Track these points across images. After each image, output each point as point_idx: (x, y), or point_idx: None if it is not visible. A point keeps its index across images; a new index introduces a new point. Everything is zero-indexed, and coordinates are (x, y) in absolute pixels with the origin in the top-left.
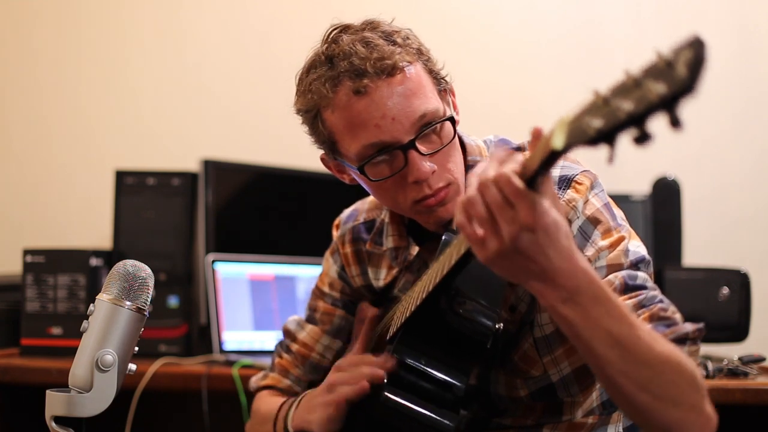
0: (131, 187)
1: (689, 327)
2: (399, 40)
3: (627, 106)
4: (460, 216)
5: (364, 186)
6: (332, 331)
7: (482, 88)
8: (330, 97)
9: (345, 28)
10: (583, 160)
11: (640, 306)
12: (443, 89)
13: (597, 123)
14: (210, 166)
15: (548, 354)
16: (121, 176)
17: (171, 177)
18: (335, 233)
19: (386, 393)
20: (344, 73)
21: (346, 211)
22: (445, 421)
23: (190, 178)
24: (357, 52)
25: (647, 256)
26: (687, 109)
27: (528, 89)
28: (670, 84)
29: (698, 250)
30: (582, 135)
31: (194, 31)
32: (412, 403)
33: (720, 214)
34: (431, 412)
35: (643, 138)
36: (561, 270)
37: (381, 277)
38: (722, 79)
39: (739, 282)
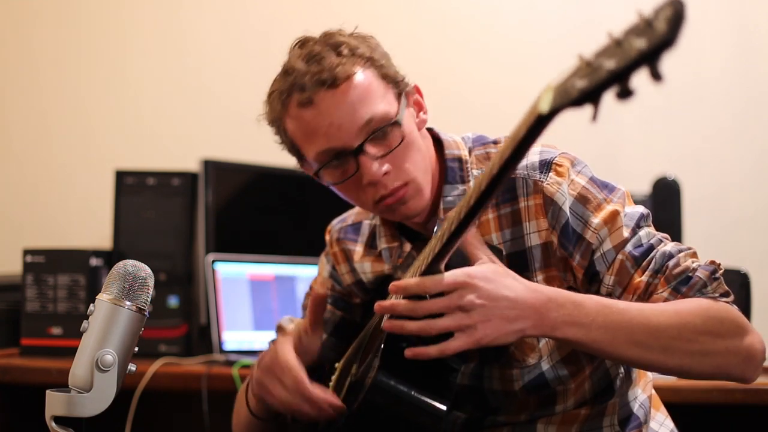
0: (131, 187)
1: (703, 274)
2: (346, 51)
3: (609, 64)
4: (432, 350)
5: (331, 188)
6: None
7: (482, 88)
8: (283, 111)
9: (303, 43)
10: (583, 159)
11: (654, 273)
12: (401, 92)
13: (581, 83)
14: (210, 166)
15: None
16: (121, 176)
17: (171, 177)
18: (327, 237)
19: (380, 377)
20: (292, 87)
21: (338, 218)
22: (438, 405)
23: (190, 178)
24: (298, 68)
25: (644, 210)
26: (687, 108)
27: (528, 89)
28: (650, 38)
29: (698, 250)
30: (566, 96)
31: (194, 31)
32: (405, 386)
33: (720, 214)
34: (425, 395)
35: (625, 93)
36: (528, 297)
37: (367, 270)
38: (722, 79)
39: (739, 282)
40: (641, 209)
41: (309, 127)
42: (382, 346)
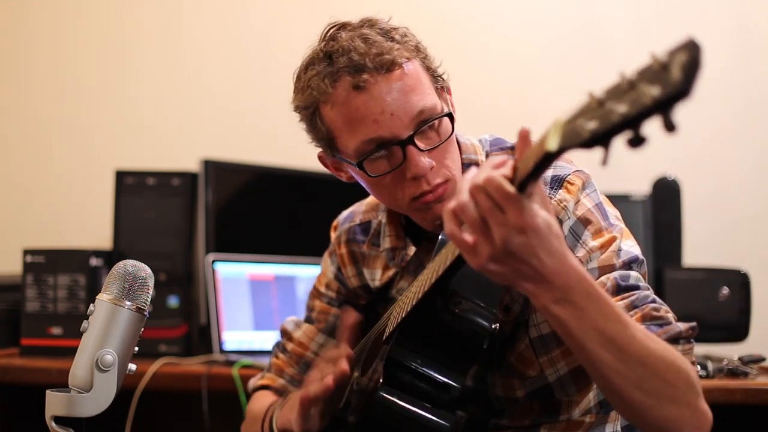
0: (131, 187)
1: (682, 326)
2: (397, 37)
3: (621, 108)
4: (449, 224)
5: (362, 183)
6: (327, 330)
7: (482, 88)
8: (329, 93)
9: (343, 26)
10: (582, 159)
11: (632, 306)
12: (440, 87)
13: (591, 125)
14: (210, 166)
15: (545, 354)
16: (121, 176)
17: (171, 177)
18: (333, 235)
19: (382, 393)
20: (343, 69)
21: (344, 213)
22: (442, 422)
23: (190, 178)
24: (356, 48)
25: (640, 256)
26: (687, 109)
27: (528, 89)
28: (664, 87)
29: (698, 250)
30: (576, 137)
31: (194, 31)
32: (408, 402)
33: (720, 214)
34: (428, 412)
35: (637, 141)
36: (553, 270)
37: (377, 278)
38: (722, 79)
39: (739, 282)
40: (637, 252)
41: (358, 112)
42: (384, 363)
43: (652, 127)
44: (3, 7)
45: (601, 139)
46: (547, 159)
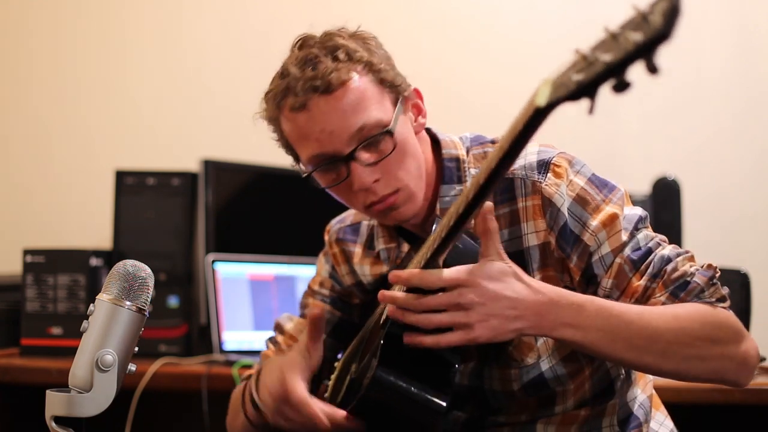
0: (131, 187)
1: (701, 279)
2: (342, 56)
3: (606, 57)
4: (435, 340)
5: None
6: None
7: (482, 88)
8: (278, 112)
9: (302, 43)
10: (583, 159)
11: (652, 278)
12: (398, 96)
13: (578, 77)
14: (210, 166)
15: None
16: (121, 176)
17: (171, 177)
18: (326, 237)
19: (379, 372)
20: (286, 90)
21: (337, 217)
22: (437, 400)
23: (190, 178)
24: (293, 73)
25: (642, 213)
26: (687, 109)
27: (528, 89)
28: (645, 31)
29: (698, 250)
30: (564, 89)
31: (194, 31)
32: (404, 382)
33: (720, 214)
34: (424, 391)
35: (621, 86)
36: (529, 295)
37: (367, 272)
38: (722, 79)
39: (739, 282)
40: (639, 211)
41: (302, 131)
42: (381, 342)
43: (652, 126)
44: (3, 7)
45: (587, 88)
46: (538, 115)
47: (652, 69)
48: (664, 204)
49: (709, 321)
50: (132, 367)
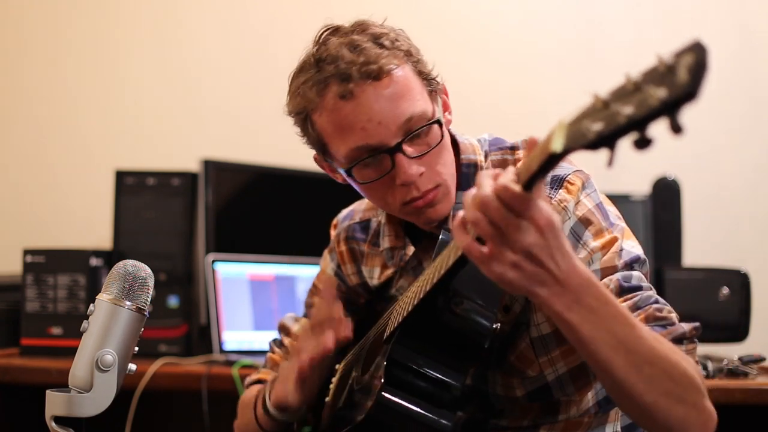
0: (131, 187)
1: (686, 326)
2: (387, 43)
3: (627, 110)
4: (462, 238)
5: (355, 187)
6: None
7: (482, 89)
8: (317, 101)
9: (335, 30)
10: (582, 158)
11: (636, 307)
12: (434, 90)
13: (597, 126)
14: (210, 166)
15: (545, 354)
16: (121, 176)
17: (171, 177)
18: (332, 232)
19: (383, 393)
20: (331, 77)
21: (344, 212)
22: (443, 421)
23: (190, 178)
24: (343, 56)
25: (642, 255)
26: (687, 109)
27: (528, 90)
28: (671, 89)
29: (698, 250)
30: (581, 138)
31: (194, 31)
32: (409, 402)
33: (720, 214)
34: (428, 412)
35: (643, 142)
36: (567, 272)
37: (375, 276)
38: (722, 80)
39: (739, 282)
40: (639, 252)
41: (346, 121)
42: (385, 363)
43: (652, 127)
44: (3, 7)
45: (606, 140)
46: (552, 160)
47: (676, 128)
48: (664, 204)
49: (693, 366)
50: (132, 367)
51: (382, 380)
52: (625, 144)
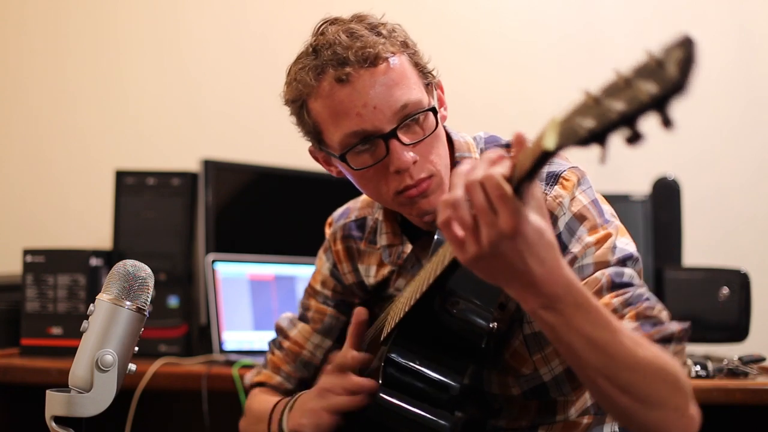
0: (131, 187)
1: (675, 326)
2: (384, 32)
3: (618, 106)
4: (445, 213)
5: (349, 176)
6: (323, 330)
7: (482, 89)
8: (314, 86)
9: (333, 21)
10: (582, 158)
11: (626, 304)
12: (429, 83)
13: (589, 123)
14: (210, 166)
15: (538, 351)
16: (121, 176)
17: (171, 177)
18: (327, 231)
19: (381, 394)
20: (327, 62)
21: (339, 210)
22: (441, 421)
23: (190, 178)
24: (340, 41)
25: (635, 253)
26: (687, 109)
27: (528, 90)
28: (660, 83)
29: (698, 250)
30: (574, 135)
31: (193, 31)
32: (407, 403)
33: (720, 214)
34: (427, 413)
35: (634, 138)
36: (540, 278)
37: (371, 274)
38: (722, 79)
39: (739, 282)
40: (633, 250)
41: (342, 105)
42: (382, 365)
43: (652, 127)
44: (3, 7)
45: (598, 136)
46: (545, 157)
47: (667, 123)
48: (664, 204)
49: (679, 369)
50: (132, 367)
51: (380, 382)
52: (624, 144)
